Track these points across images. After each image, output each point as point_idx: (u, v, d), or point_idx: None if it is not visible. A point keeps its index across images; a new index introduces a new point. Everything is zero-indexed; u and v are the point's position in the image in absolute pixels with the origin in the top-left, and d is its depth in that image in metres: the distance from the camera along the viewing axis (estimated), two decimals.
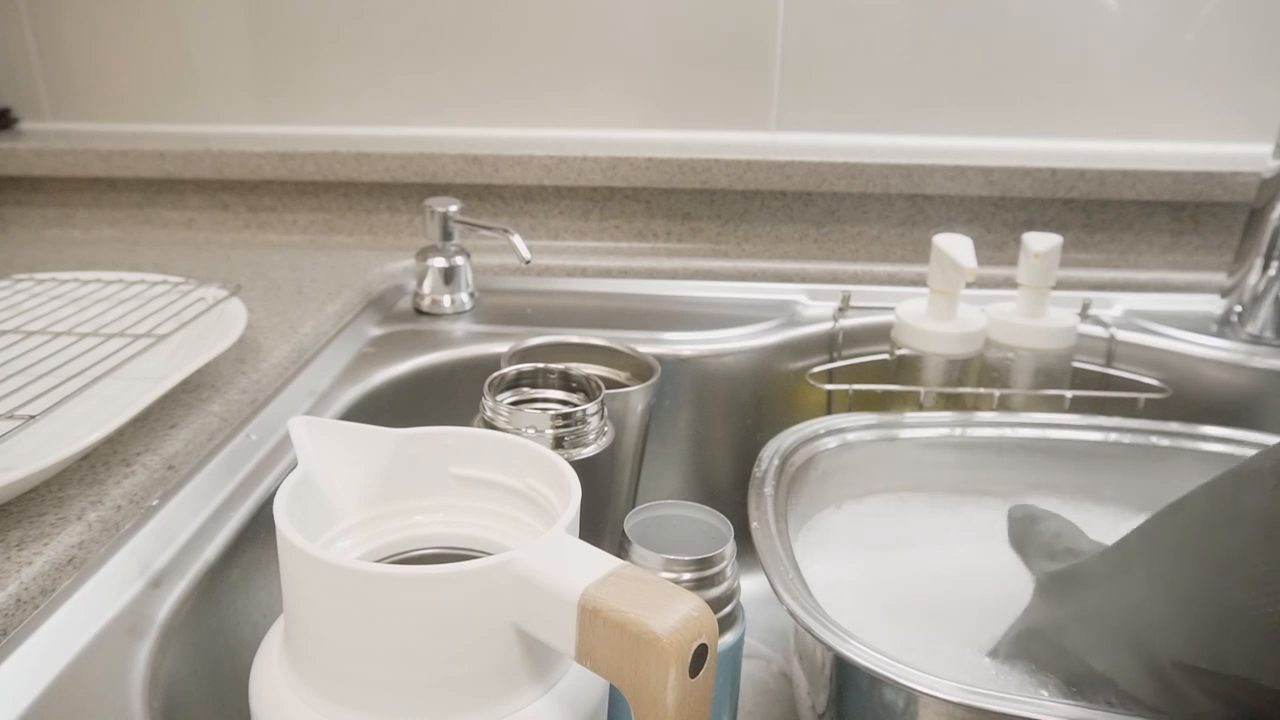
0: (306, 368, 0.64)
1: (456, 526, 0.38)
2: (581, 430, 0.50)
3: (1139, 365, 0.70)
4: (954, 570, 0.53)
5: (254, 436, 0.55)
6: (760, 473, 0.53)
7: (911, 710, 0.38)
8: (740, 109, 0.92)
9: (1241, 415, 0.68)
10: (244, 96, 0.97)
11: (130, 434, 0.50)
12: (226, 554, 0.46)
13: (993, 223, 0.88)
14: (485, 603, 0.29)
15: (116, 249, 0.87)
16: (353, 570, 0.29)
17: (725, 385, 0.71)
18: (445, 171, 0.88)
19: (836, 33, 0.89)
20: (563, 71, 0.93)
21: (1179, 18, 0.86)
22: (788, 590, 0.43)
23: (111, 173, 0.91)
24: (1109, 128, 0.90)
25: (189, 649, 0.42)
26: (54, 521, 0.42)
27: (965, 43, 0.89)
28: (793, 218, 0.89)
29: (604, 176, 0.87)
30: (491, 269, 0.85)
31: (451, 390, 0.69)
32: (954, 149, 0.88)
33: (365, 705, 0.30)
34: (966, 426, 0.61)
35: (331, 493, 0.36)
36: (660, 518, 0.44)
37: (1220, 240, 0.86)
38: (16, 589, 0.38)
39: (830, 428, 0.59)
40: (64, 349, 0.55)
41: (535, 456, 0.36)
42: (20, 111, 0.99)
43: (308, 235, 0.94)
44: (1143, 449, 0.59)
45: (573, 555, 0.29)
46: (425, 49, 0.93)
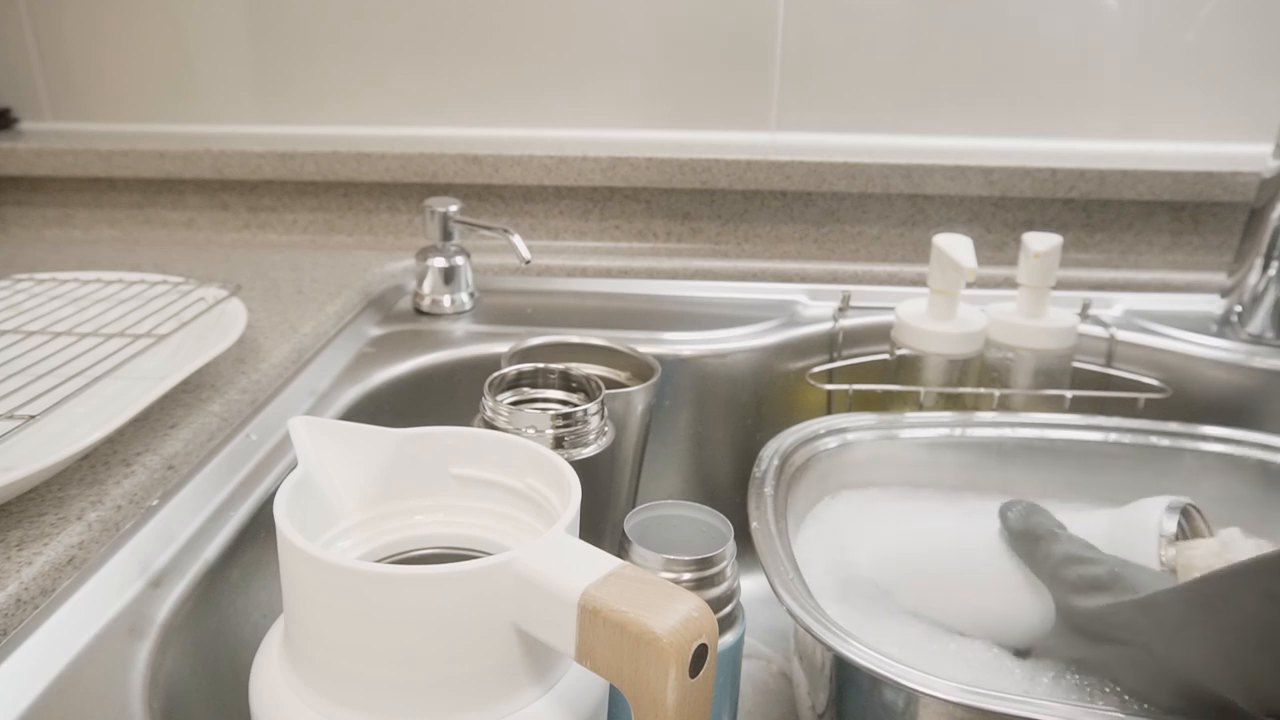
0: (306, 368, 0.64)
1: (456, 526, 0.38)
2: (581, 430, 0.50)
3: (1139, 365, 0.70)
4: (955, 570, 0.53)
5: (254, 436, 0.55)
6: (760, 473, 0.53)
7: (911, 710, 0.38)
8: (740, 109, 0.92)
9: (1241, 415, 0.68)
10: (244, 96, 0.97)
11: (130, 434, 0.50)
12: (226, 554, 0.46)
13: (993, 223, 0.88)
14: (485, 603, 0.29)
15: (116, 249, 0.87)
16: (353, 570, 0.29)
17: (725, 385, 0.71)
18: (445, 171, 0.88)
19: (836, 33, 0.89)
20: (563, 71, 0.93)
21: (1179, 18, 0.86)
22: (788, 590, 0.43)
23: (111, 173, 0.91)
24: (1109, 128, 0.90)
25: (189, 649, 0.42)
26: (54, 521, 0.42)
27: (965, 43, 0.89)
28: (793, 218, 0.89)
29: (604, 176, 0.87)
30: (491, 269, 0.85)
31: (451, 390, 0.69)
32: (954, 149, 0.88)
33: (365, 705, 0.30)
34: (966, 426, 0.61)
35: (331, 493, 0.36)
36: (660, 518, 0.44)
37: (1220, 240, 0.86)
38: (16, 589, 0.38)
39: (830, 428, 0.59)
40: (64, 349, 0.55)
41: (535, 456, 0.36)
42: (20, 111, 1.00)
43: (308, 235, 0.94)
44: (1143, 449, 0.59)
45: (573, 555, 0.29)
46: (425, 49, 0.93)
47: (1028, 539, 0.49)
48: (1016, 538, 0.50)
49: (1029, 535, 0.49)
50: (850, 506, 0.59)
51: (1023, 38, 0.88)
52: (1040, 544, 0.48)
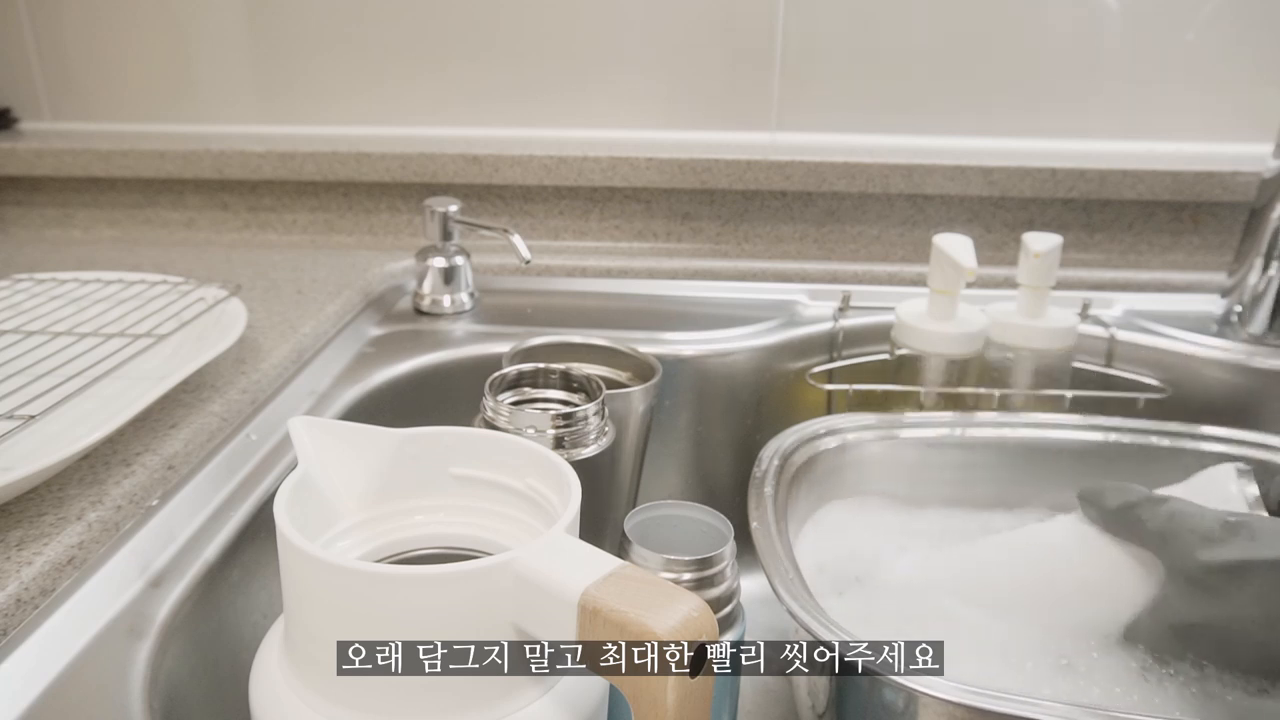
0: (306, 368, 0.64)
1: (456, 526, 0.38)
2: (582, 430, 0.50)
3: (1139, 365, 0.70)
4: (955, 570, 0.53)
5: (254, 436, 0.55)
6: (760, 473, 0.53)
7: (911, 710, 0.38)
8: (740, 109, 0.92)
9: (1241, 415, 0.68)
10: (244, 96, 0.97)
11: (130, 434, 0.50)
12: (226, 554, 0.46)
13: (993, 223, 0.88)
14: (485, 603, 0.29)
15: (116, 249, 0.87)
16: (353, 570, 0.29)
17: (725, 385, 0.71)
18: (445, 171, 0.88)
19: (836, 33, 0.89)
20: (563, 71, 0.93)
21: (1179, 18, 0.86)
22: (788, 590, 0.43)
23: (111, 173, 0.91)
24: (1109, 128, 0.90)
25: (189, 649, 0.42)
26: (54, 521, 0.42)
27: (965, 43, 0.89)
28: (793, 218, 0.89)
29: (604, 176, 0.87)
30: (491, 269, 0.85)
31: (451, 390, 0.69)
32: (954, 149, 0.88)
33: (365, 705, 0.30)
34: (966, 426, 0.61)
35: (331, 493, 0.36)
36: (660, 518, 0.44)
37: (1220, 240, 0.86)
38: (16, 589, 0.38)
39: (830, 428, 0.59)
40: (64, 349, 0.55)
41: (535, 456, 0.36)
42: (20, 111, 0.99)
43: (308, 235, 0.94)
44: (1143, 449, 0.59)
45: (573, 555, 0.29)
46: (425, 49, 0.93)
47: (1123, 510, 0.48)
48: (1112, 515, 0.49)
49: (1124, 506, 0.48)
50: (850, 506, 0.59)
51: (1023, 38, 0.88)
52: (1139, 509, 0.47)
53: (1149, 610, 0.47)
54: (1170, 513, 0.46)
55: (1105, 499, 0.49)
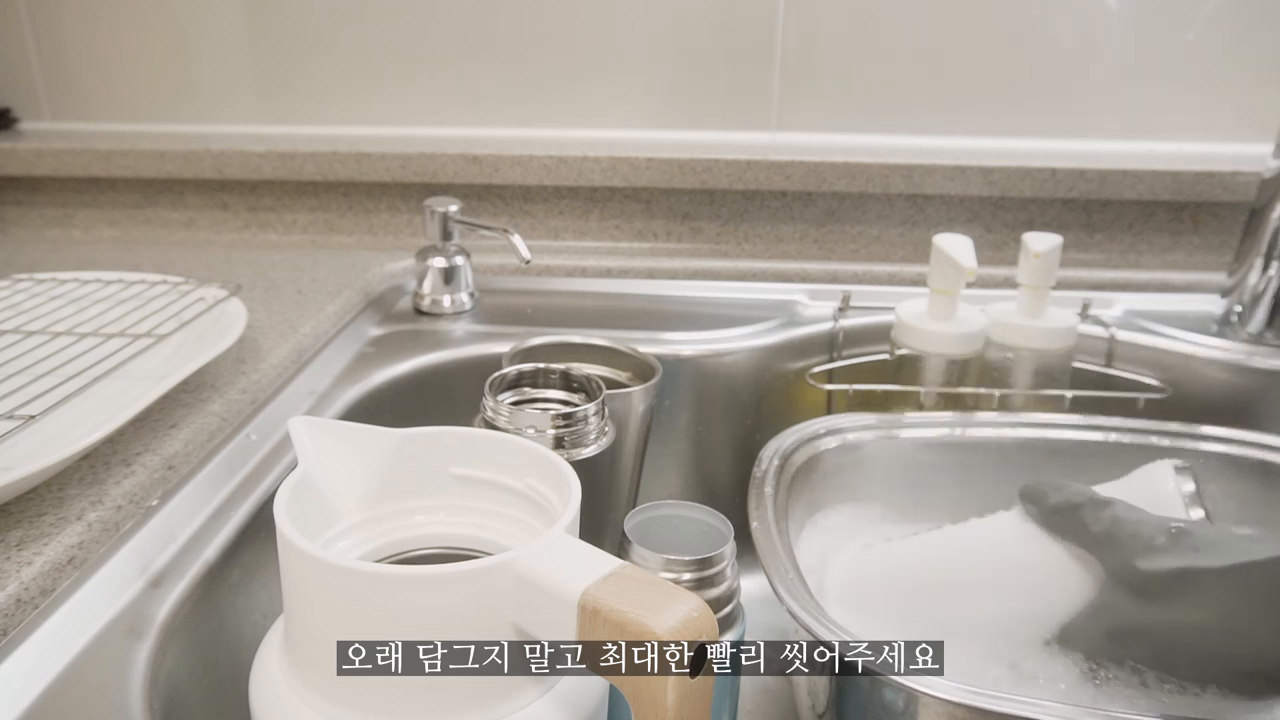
0: (306, 368, 0.64)
1: (456, 526, 0.38)
2: (582, 430, 0.50)
3: (1139, 365, 0.70)
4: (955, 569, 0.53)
5: (254, 436, 0.55)
6: (760, 473, 0.53)
7: (911, 710, 0.38)
8: (740, 109, 0.92)
9: (1241, 415, 0.68)
10: (244, 96, 0.97)
11: (130, 434, 0.50)
12: (226, 554, 0.46)
13: (993, 223, 0.88)
14: (485, 603, 0.29)
15: (116, 249, 0.87)
16: (353, 570, 0.29)
17: (725, 385, 0.71)
18: (445, 171, 0.88)
19: (836, 33, 0.89)
20: (563, 71, 0.93)
21: (1179, 18, 0.86)
22: (788, 590, 0.43)
23: (111, 173, 0.91)
24: (1109, 128, 0.90)
25: (189, 649, 0.42)
26: (54, 521, 0.42)
27: (965, 43, 0.89)
28: (793, 218, 0.89)
29: (604, 176, 0.87)
30: (491, 269, 0.85)
31: (451, 390, 0.69)
32: (954, 149, 0.88)
33: (365, 705, 0.30)
34: (966, 426, 0.61)
35: (331, 493, 0.36)
36: (660, 518, 0.44)
37: (1220, 240, 0.86)
38: (16, 589, 0.38)
39: (830, 428, 0.59)
40: (64, 349, 0.55)
41: (535, 456, 0.36)
42: (20, 111, 0.99)
43: (308, 235, 0.94)
44: (1143, 449, 0.59)
45: (573, 555, 0.29)
46: (425, 49, 0.93)
47: (1065, 511, 0.47)
48: (1052, 513, 0.48)
49: (1066, 507, 0.47)
50: (850, 505, 0.59)
51: (1023, 38, 0.88)
52: (1081, 511, 0.47)
53: (1086, 614, 0.47)
54: (1113, 517, 0.46)
55: (1046, 498, 0.49)
